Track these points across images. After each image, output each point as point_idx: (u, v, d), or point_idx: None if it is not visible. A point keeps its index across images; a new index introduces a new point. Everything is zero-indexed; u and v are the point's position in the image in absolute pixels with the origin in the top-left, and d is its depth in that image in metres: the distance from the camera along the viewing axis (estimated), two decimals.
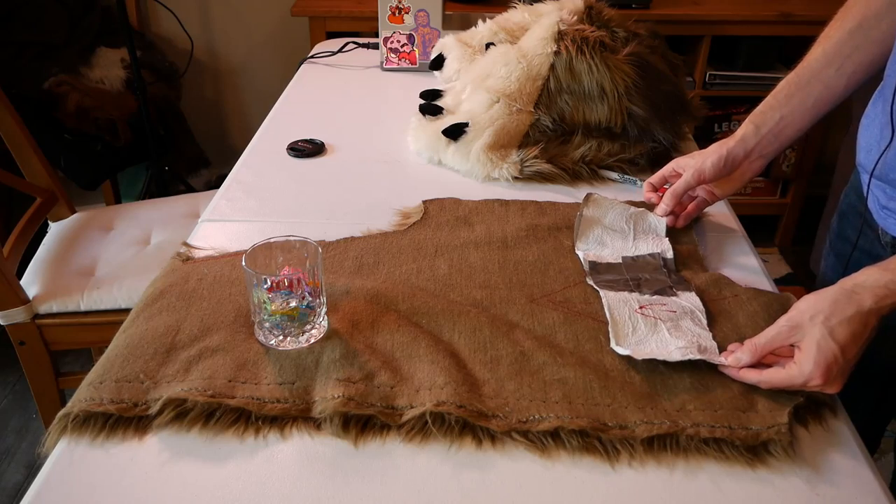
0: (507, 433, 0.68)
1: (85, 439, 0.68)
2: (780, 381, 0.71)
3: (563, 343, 0.79)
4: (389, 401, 0.71)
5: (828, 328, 0.69)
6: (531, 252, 0.95)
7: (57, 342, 1.45)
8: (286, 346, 0.77)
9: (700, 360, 0.75)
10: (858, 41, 0.89)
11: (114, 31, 2.40)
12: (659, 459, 0.67)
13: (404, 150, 1.27)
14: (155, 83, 2.36)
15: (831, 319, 0.69)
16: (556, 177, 1.15)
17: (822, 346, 0.69)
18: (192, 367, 0.74)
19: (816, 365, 0.69)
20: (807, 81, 0.91)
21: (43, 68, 2.18)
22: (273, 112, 1.44)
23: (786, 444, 0.67)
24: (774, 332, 0.73)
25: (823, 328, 0.69)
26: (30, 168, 1.62)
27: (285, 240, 0.80)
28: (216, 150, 2.80)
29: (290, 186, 1.15)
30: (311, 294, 0.77)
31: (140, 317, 0.83)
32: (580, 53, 1.16)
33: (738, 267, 0.95)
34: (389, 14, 1.60)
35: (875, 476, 0.66)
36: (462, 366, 0.75)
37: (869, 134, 0.92)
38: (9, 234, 1.54)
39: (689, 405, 0.70)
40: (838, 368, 0.69)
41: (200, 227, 1.04)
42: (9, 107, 1.54)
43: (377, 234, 1.00)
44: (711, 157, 0.95)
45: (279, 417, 0.70)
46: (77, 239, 1.61)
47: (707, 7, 2.35)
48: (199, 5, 2.63)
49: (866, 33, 0.89)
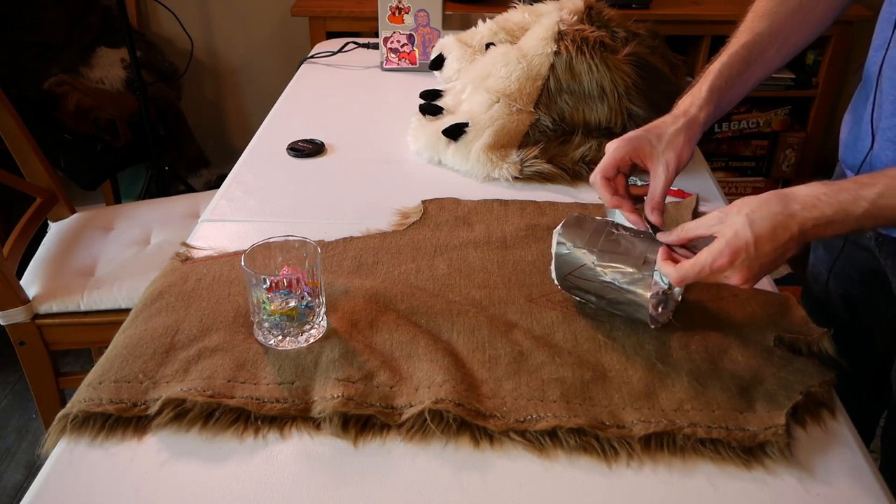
0: (504, 433, 0.68)
1: (84, 439, 0.68)
2: (690, 266, 0.71)
3: (561, 343, 0.79)
4: (389, 400, 0.71)
5: (749, 219, 0.69)
6: (530, 252, 0.95)
7: (57, 342, 1.45)
8: (285, 346, 0.77)
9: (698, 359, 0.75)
10: (798, 23, 0.89)
11: (114, 31, 2.40)
12: (656, 459, 0.67)
13: (404, 150, 1.27)
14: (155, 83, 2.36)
15: (755, 213, 0.69)
16: (556, 177, 1.15)
17: (739, 232, 0.69)
18: (192, 367, 0.74)
19: (727, 244, 0.68)
20: (754, 59, 0.89)
21: (43, 68, 2.19)
22: (273, 112, 1.44)
23: (783, 445, 0.67)
24: (704, 220, 0.73)
25: (745, 218, 0.69)
26: (30, 168, 1.62)
27: (284, 240, 0.80)
28: (216, 150, 2.80)
29: (290, 186, 1.15)
30: (310, 294, 0.77)
31: (139, 317, 0.83)
32: (580, 53, 1.16)
33: None
34: (389, 14, 1.60)
35: (875, 476, 0.66)
36: (461, 365, 0.75)
37: (853, 133, 0.92)
38: (9, 234, 1.54)
39: (686, 405, 0.71)
40: (747, 257, 0.68)
41: (200, 227, 1.04)
42: (9, 107, 1.54)
43: (376, 234, 1.00)
44: (682, 146, 0.86)
45: (278, 417, 0.70)
46: (77, 239, 1.61)
47: (707, 7, 2.35)
48: (199, 5, 2.63)
49: (805, 16, 0.89)
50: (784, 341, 0.79)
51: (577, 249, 0.79)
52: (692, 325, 0.81)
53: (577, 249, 0.79)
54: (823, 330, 0.79)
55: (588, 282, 0.79)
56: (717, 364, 0.76)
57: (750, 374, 0.74)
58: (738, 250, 0.68)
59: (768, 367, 0.75)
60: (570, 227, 0.81)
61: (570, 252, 0.80)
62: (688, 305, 0.85)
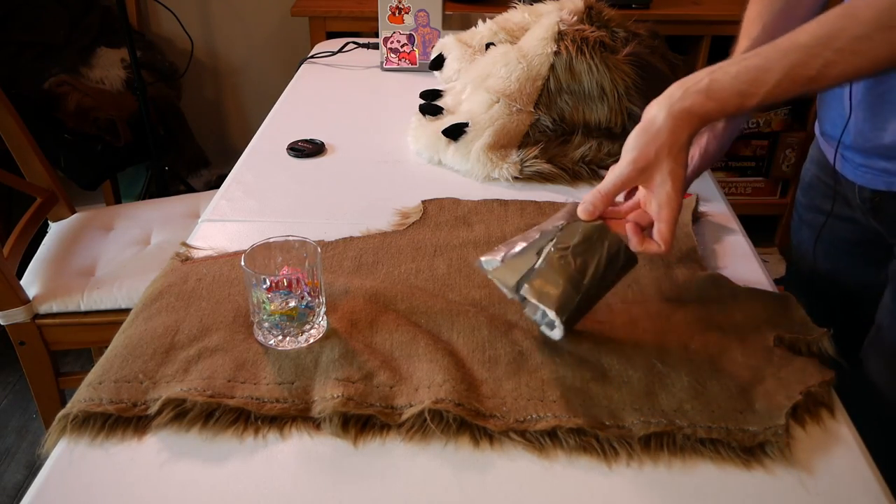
0: (504, 433, 0.68)
1: (84, 439, 0.68)
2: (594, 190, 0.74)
3: (560, 343, 0.79)
4: (389, 400, 0.71)
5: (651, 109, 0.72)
6: None
7: (57, 342, 1.45)
8: (285, 346, 0.77)
9: (698, 359, 0.75)
10: (787, 19, 0.89)
11: (114, 31, 2.40)
12: (656, 459, 0.67)
13: (404, 150, 1.27)
14: (155, 83, 2.36)
15: (673, 149, 0.71)
16: (556, 177, 1.15)
17: (646, 117, 0.72)
18: (192, 367, 0.74)
19: (633, 135, 0.72)
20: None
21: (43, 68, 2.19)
22: (273, 112, 1.44)
23: (782, 445, 0.67)
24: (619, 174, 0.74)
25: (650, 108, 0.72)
26: (30, 168, 1.62)
27: (284, 240, 0.80)
28: (216, 150, 2.80)
29: (290, 186, 1.15)
30: (310, 294, 0.77)
31: (139, 317, 0.83)
32: (580, 53, 1.16)
33: (738, 267, 0.95)
34: (389, 14, 1.60)
35: (875, 476, 0.66)
36: (461, 365, 0.75)
37: (832, 108, 0.95)
38: (9, 234, 1.55)
39: (686, 405, 0.71)
40: (655, 147, 0.71)
41: (200, 227, 1.04)
42: (9, 107, 1.54)
43: (376, 234, 1.00)
44: (695, 159, 0.95)
45: (278, 417, 0.70)
46: (77, 239, 1.61)
47: (707, 7, 2.35)
48: (199, 5, 2.63)
49: (792, 12, 0.90)
50: (784, 341, 0.79)
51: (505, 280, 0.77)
52: (692, 325, 0.81)
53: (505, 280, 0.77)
54: (823, 330, 0.79)
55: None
56: (717, 364, 0.76)
57: (750, 374, 0.74)
58: (645, 132, 0.71)
59: (768, 366, 0.75)
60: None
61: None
62: (688, 305, 0.85)
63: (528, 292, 0.74)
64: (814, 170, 1.07)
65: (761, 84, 0.69)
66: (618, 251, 0.75)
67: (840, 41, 0.67)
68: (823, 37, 0.68)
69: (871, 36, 0.66)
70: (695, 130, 0.71)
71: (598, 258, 0.74)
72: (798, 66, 0.68)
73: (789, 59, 0.69)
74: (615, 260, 0.75)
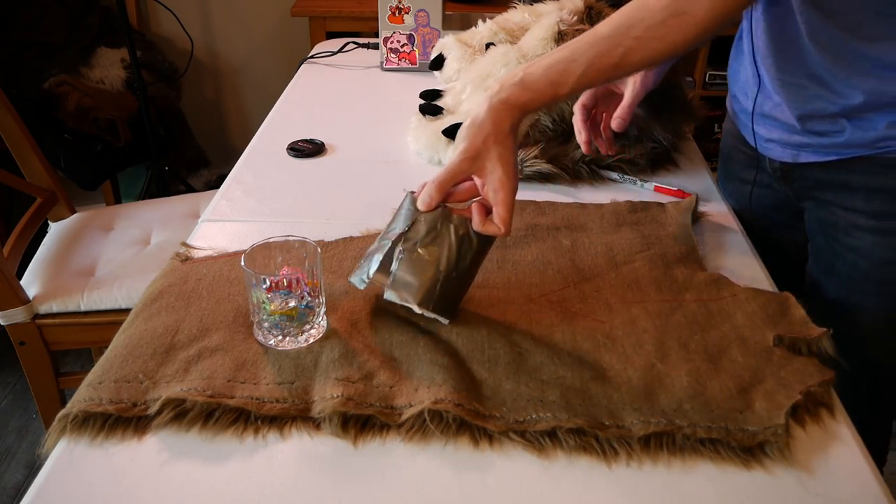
0: (504, 433, 0.68)
1: (84, 439, 0.68)
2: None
3: (560, 343, 0.79)
4: (388, 400, 0.71)
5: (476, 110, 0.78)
6: (530, 252, 0.95)
7: (57, 342, 1.45)
8: (285, 346, 0.77)
9: (697, 359, 0.75)
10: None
11: (114, 31, 2.40)
12: (656, 459, 0.67)
13: (404, 150, 1.27)
14: (155, 83, 2.36)
15: (499, 136, 0.76)
16: (556, 177, 1.15)
17: (471, 118, 0.78)
18: (192, 367, 0.74)
19: (462, 133, 0.77)
20: None
21: (43, 68, 2.19)
22: (273, 112, 1.44)
23: (782, 445, 0.67)
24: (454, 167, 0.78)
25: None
26: (30, 168, 1.62)
27: (284, 240, 0.80)
28: (216, 150, 2.80)
29: (290, 186, 1.15)
30: (310, 294, 0.77)
31: (139, 317, 0.83)
32: None
33: (738, 267, 0.95)
34: (389, 14, 1.60)
35: (875, 476, 0.66)
36: (460, 365, 0.75)
37: (741, 80, 1.03)
38: (9, 234, 1.55)
39: (685, 404, 0.71)
40: (480, 136, 0.76)
41: (200, 227, 1.04)
42: (9, 107, 1.54)
43: (376, 234, 0.99)
44: (647, 72, 1.00)
45: (278, 417, 0.70)
46: (77, 239, 1.61)
47: None
48: (199, 5, 2.63)
49: None
50: (784, 341, 0.79)
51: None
52: (692, 325, 0.81)
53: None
54: (823, 329, 0.79)
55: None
56: (717, 364, 0.76)
57: (749, 374, 0.74)
58: (472, 125, 0.76)
59: (768, 366, 0.75)
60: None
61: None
62: (688, 305, 0.85)
63: (390, 295, 0.78)
64: (731, 141, 1.15)
65: (570, 74, 0.77)
66: (466, 230, 0.78)
67: (637, 29, 0.75)
68: (622, 26, 0.76)
69: (664, 22, 0.75)
70: (516, 120, 0.77)
71: (448, 242, 0.78)
72: (602, 56, 0.76)
73: (593, 49, 0.76)
74: (466, 239, 0.78)
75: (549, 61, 0.78)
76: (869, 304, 0.96)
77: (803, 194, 1.01)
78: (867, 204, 0.91)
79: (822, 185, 0.96)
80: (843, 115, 0.89)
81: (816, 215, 1.00)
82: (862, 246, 0.93)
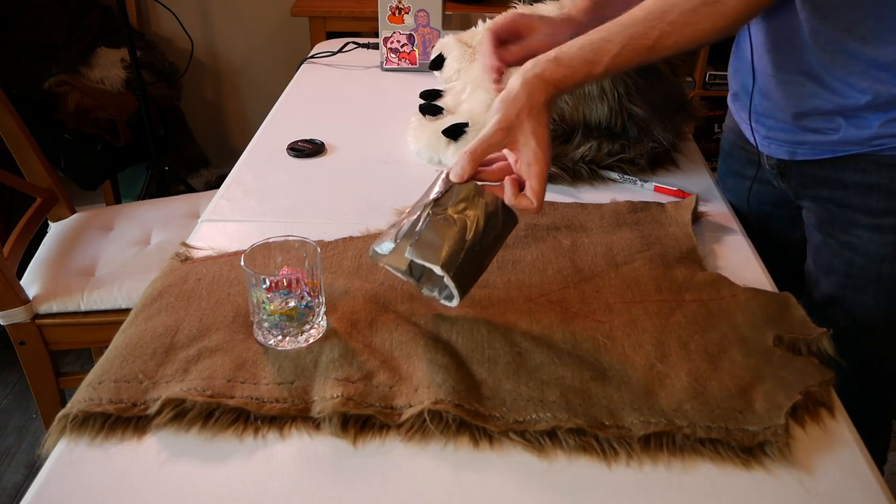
0: (504, 433, 0.68)
1: (84, 439, 0.68)
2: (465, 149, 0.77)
3: (560, 343, 0.79)
4: (388, 400, 0.71)
5: (512, 81, 0.78)
6: (530, 252, 0.95)
7: (57, 342, 1.45)
8: (285, 346, 0.77)
9: (697, 358, 0.75)
10: None
11: (114, 31, 2.40)
12: (656, 459, 0.67)
13: (404, 150, 1.27)
14: (155, 83, 2.36)
15: (533, 110, 0.76)
16: (556, 177, 1.15)
17: (509, 88, 0.77)
18: (191, 367, 0.74)
19: (498, 104, 0.77)
20: None
21: (43, 68, 2.19)
22: (273, 112, 1.44)
23: (782, 445, 0.67)
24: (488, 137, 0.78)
25: (513, 80, 0.77)
26: (30, 168, 1.62)
27: (284, 240, 0.80)
28: (216, 150, 2.80)
29: (290, 186, 1.15)
30: (309, 294, 0.77)
31: (139, 317, 0.83)
32: None
33: (738, 267, 0.95)
34: (389, 14, 1.60)
35: (875, 476, 0.66)
36: (460, 365, 0.75)
37: (740, 77, 1.05)
38: (9, 234, 1.55)
39: (685, 404, 0.71)
40: (515, 110, 0.76)
41: (200, 227, 1.04)
42: (9, 107, 1.54)
43: (376, 234, 1.00)
44: (560, 26, 0.98)
45: (278, 417, 0.70)
46: (77, 239, 1.61)
47: None
48: (199, 5, 2.63)
49: None
50: (784, 341, 0.79)
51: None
52: (692, 325, 0.81)
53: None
54: (823, 329, 0.79)
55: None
56: (717, 364, 0.76)
57: (749, 374, 0.74)
58: (506, 97, 0.76)
59: (768, 366, 0.75)
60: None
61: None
62: (688, 305, 0.85)
63: (412, 254, 0.76)
64: (731, 136, 1.17)
65: (605, 53, 0.78)
66: (496, 208, 0.77)
67: (672, 15, 0.77)
68: (657, 11, 0.78)
69: (697, 10, 0.77)
70: (550, 95, 0.77)
71: (477, 215, 0.77)
72: (636, 37, 0.78)
73: (628, 31, 0.78)
74: (494, 217, 0.77)
75: (583, 41, 0.79)
76: (866, 301, 0.96)
77: (801, 191, 1.02)
78: (863, 201, 0.92)
79: (819, 182, 0.97)
80: (839, 113, 0.90)
81: (814, 212, 1.01)
82: (858, 243, 0.94)
